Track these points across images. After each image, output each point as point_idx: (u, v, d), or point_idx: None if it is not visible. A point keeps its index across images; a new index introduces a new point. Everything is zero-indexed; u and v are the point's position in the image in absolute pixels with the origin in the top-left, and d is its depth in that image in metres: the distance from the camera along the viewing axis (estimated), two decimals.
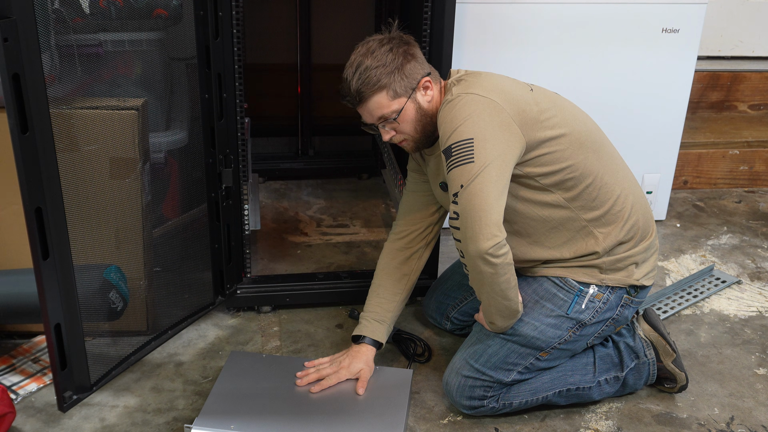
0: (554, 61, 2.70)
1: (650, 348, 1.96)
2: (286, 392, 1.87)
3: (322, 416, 1.79)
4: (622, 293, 1.87)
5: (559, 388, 1.90)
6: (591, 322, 1.86)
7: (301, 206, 3.04)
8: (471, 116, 1.67)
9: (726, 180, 3.40)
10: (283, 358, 2.07)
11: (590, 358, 1.95)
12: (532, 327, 1.84)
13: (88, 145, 1.84)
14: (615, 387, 1.95)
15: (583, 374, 1.92)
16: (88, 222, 1.84)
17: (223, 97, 2.05)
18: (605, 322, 1.88)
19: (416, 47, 1.81)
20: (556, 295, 1.85)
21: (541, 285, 1.87)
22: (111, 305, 1.93)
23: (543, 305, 1.85)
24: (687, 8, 2.66)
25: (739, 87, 3.67)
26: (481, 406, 1.87)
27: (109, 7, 1.90)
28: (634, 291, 1.89)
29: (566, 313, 1.84)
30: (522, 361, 1.86)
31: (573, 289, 1.84)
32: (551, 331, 1.84)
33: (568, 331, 1.85)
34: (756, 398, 2.03)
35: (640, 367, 1.95)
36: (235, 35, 2.01)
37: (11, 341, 2.15)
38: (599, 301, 1.85)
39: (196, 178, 2.13)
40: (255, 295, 2.31)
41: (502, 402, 1.88)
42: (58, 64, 1.73)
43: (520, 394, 1.89)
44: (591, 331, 1.88)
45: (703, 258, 2.78)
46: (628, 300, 1.88)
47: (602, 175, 1.83)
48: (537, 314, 1.85)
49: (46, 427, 1.86)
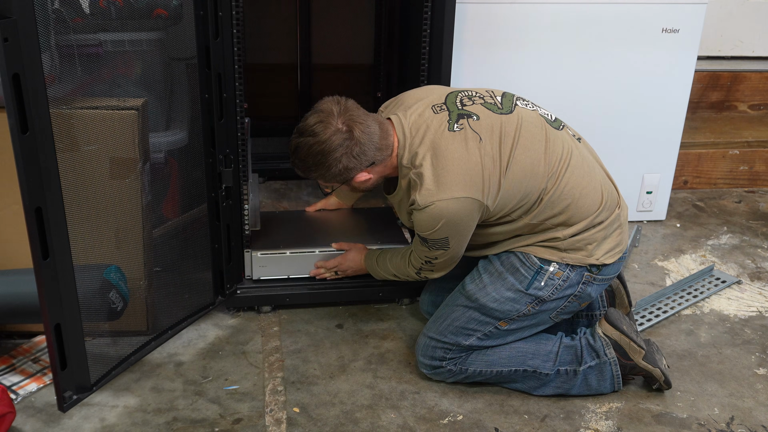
0: (554, 61, 2.70)
1: (610, 347, 1.97)
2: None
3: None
4: (582, 271, 1.92)
5: (516, 366, 1.96)
6: (551, 299, 1.93)
7: (301, 206, 3.03)
8: (446, 222, 1.84)
9: (726, 180, 3.40)
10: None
11: (555, 348, 1.98)
12: (492, 298, 1.93)
13: (88, 145, 1.84)
14: (573, 382, 1.97)
15: (545, 360, 1.97)
16: (88, 222, 1.84)
17: (223, 97, 2.05)
18: (567, 299, 1.94)
19: (362, 129, 1.85)
20: (519, 270, 1.93)
21: (508, 257, 1.96)
22: (111, 305, 1.93)
23: (506, 278, 1.94)
24: (687, 8, 2.66)
25: (739, 87, 3.67)
26: (440, 367, 1.99)
27: (109, 7, 1.90)
28: (596, 269, 1.93)
29: (525, 289, 1.92)
30: (481, 327, 1.96)
31: (534, 266, 1.92)
32: (510, 304, 1.93)
33: (526, 306, 1.93)
34: (756, 398, 2.03)
35: (601, 367, 1.96)
36: (235, 35, 2.01)
37: (11, 341, 2.15)
38: (559, 278, 1.91)
39: (196, 178, 2.13)
40: (255, 295, 2.31)
41: (459, 366, 1.98)
42: (58, 64, 1.73)
43: (475, 362, 1.98)
44: (552, 306, 1.94)
45: (703, 258, 2.78)
46: (589, 277, 1.93)
47: (554, 187, 1.89)
48: (499, 286, 1.94)
49: (46, 427, 1.86)
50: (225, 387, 2.02)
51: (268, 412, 1.93)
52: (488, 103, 1.92)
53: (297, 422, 1.90)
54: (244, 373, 2.07)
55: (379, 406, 1.96)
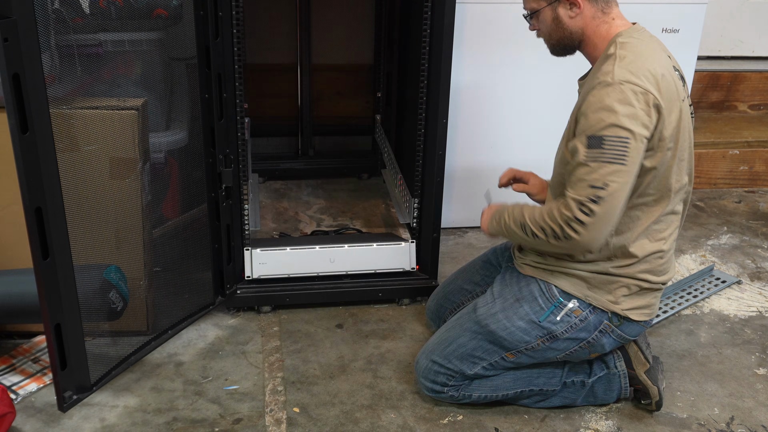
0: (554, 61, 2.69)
1: (621, 360, 1.93)
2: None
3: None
4: (603, 317, 1.81)
5: (522, 388, 1.92)
6: (563, 337, 1.82)
7: (301, 206, 3.04)
8: (635, 111, 1.63)
9: (726, 180, 3.40)
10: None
11: (560, 363, 1.94)
12: (502, 326, 1.84)
13: (88, 145, 1.84)
14: (580, 393, 1.94)
15: (550, 377, 1.92)
16: (88, 222, 1.84)
17: (223, 97, 2.06)
18: (579, 342, 1.83)
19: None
20: (536, 300, 1.83)
21: (528, 285, 1.85)
22: (111, 305, 1.93)
23: (521, 306, 1.84)
24: (687, 8, 2.66)
25: (739, 87, 3.67)
26: (441, 392, 1.91)
27: (109, 7, 1.90)
28: (617, 320, 1.82)
29: (539, 321, 1.81)
30: (487, 357, 1.87)
31: (553, 298, 1.81)
32: (520, 335, 1.83)
33: (537, 339, 1.82)
34: (756, 398, 2.03)
35: (610, 378, 1.93)
36: (235, 35, 2.01)
37: (11, 341, 2.15)
38: (576, 317, 1.80)
39: (196, 178, 2.13)
40: (255, 295, 2.31)
41: (462, 393, 1.91)
42: (58, 64, 1.74)
43: (480, 388, 1.91)
44: (562, 346, 1.83)
45: (703, 258, 2.78)
46: (608, 326, 1.81)
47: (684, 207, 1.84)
48: (511, 314, 1.84)
49: (46, 427, 1.86)
50: (225, 387, 2.02)
51: (268, 412, 1.93)
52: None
53: (297, 422, 1.90)
54: (244, 373, 2.07)
55: (379, 406, 1.96)
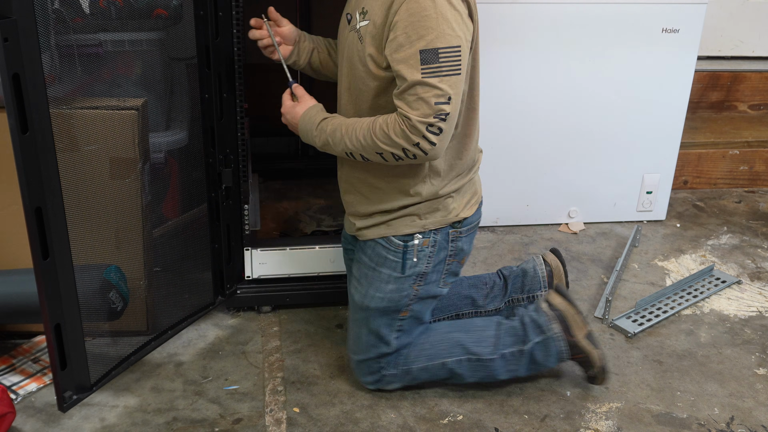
0: (554, 61, 2.70)
1: (556, 321, 1.92)
2: None
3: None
4: (447, 230, 1.85)
5: (459, 356, 1.93)
6: (429, 269, 1.87)
7: (301, 206, 3.03)
8: (458, 19, 1.58)
9: (726, 180, 3.40)
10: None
11: (493, 331, 1.96)
12: (378, 299, 1.88)
13: (88, 145, 1.84)
14: (520, 362, 1.94)
15: (484, 346, 1.94)
16: (88, 222, 1.84)
17: (223, 97, 2.06)
18: (443, 262, 1.89)
19: None
20: (387, 258, 1.86)
21: (374, 250, 1.88)
22: (111, 305, 1.93)
23: (380, 272, 1.87)
24: (687, 8, 2.66)
25: (739, 87, 3.67)
26: (381, 378, 1.96)
27: (109, 7, 1.90)
28: (459, 224, 1.87)
29: (402, 274, 1.86)
30: (389, 327, 1.91)
31: (399, 248, 1.84)
32: (396, 294, 1.87)
33: (412, 287, 1.87)
34: (756, 398, 2.03)
35: (546, 342, 1.92)
36: (235, 35, 2.01)
37: (11, 341, 2.15)
38: (427, 247, 1.84)
39: (196, 178, 2.13)
40: (255, 295, 2.31)
41: (400, 368, 1.94)
42: (58, 64, 1.73)
43: (417, 359, 1.94)
44: (435, 275, 1.89)
45: (703, 258, 2.78)
46: (456, 234, 1.87)
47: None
48: (378, 283, 1.88)
49: (46, 427, 1.86)
50: (225, 387, 2.02)
51: (268, 412, 1.93)
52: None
53: (297, 422, 1.90)
54: (244, 373, 2.07)
55: (379, 406, 1.96)
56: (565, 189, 2.91)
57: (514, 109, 2.75)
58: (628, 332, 2.28)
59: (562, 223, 2.98)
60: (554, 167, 2.85)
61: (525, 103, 2.75)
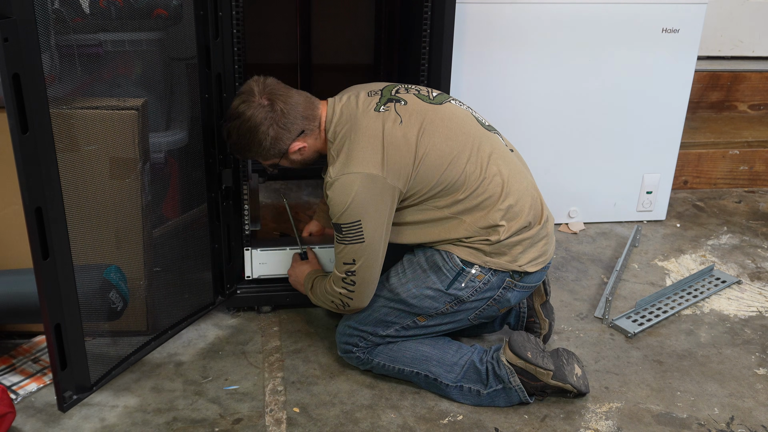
0: (554, 61, 2.70)
1: (514, 375, 1.93)
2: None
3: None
4: (504, 276, 1.92)
5: (418, 369, 1.99)
6: (470, 300, 1.93)
7: (301, 206, 3.03)
8: (354, 199, 1.82)
9: (726, 180, 3.40)
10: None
11: (462, 362, 1.98)
12: (412, 294, 1.94)
13: (88, 145, 1.84)
14: (476, 399, 1.97)
15: (447, 371, 1.98)
16: (88, 222, 1.84)
17: (223, 97, 2.06)
18: (486, 301, 1.95)
19: (284, 100, 1.89)
20: (441, 269, 1.93)
21: (432, 256, 1.95)
22: (111, 305, 1.93)
23: (428, 276, 1.94)
24: (687, 8, 2.67)
25: (739, 87, 3.67)
26: (351, 352, 2.03)
27: (109, 7, 1.90)
28: (518, 276, 1.93)
29: (445, 289, 1.92)
30: (399, 320, 1.98)
31: (456, 267, 1.91)
32: (428, 301, 1.94)
33: (445, 305, 1.94)
34: (756, 398, 2.03)
35: (508, 392, 1.95)
36: (235, 35, 2.01)
37: (11, 341, 2.15)
38: (480, 281, 1.91)
39: (196, 178, 2.13)
40: (255, 295, 2.31)
41: (367, 356, 2.02)
42: (58, 64, 1.73)
43: (381, 354, 2.01)
44: (471, 307, 1.95)
45: (703, 258, 2.78)
46: (510, 283, 1.93)
47: (480, 179, 1.89)
48: (420, 283, 1.94)
49: (46, 427, 1.86)
50: (225, 387, 2.02)
51: (268, 412, 1.93)
52: (422, 94, 1.96)
53: (297, 422, 1.90)
54: (244, 373, 2.07)
55: (379, 406, 1.96)
56: (565, 189, 2.91)
57: (513, 109, 2.75)
58: (628, 332, 2.28)
59: (562, 223, 2.98)
60: (554, 167, 2.85)
61: (525, 103, 2.75)
